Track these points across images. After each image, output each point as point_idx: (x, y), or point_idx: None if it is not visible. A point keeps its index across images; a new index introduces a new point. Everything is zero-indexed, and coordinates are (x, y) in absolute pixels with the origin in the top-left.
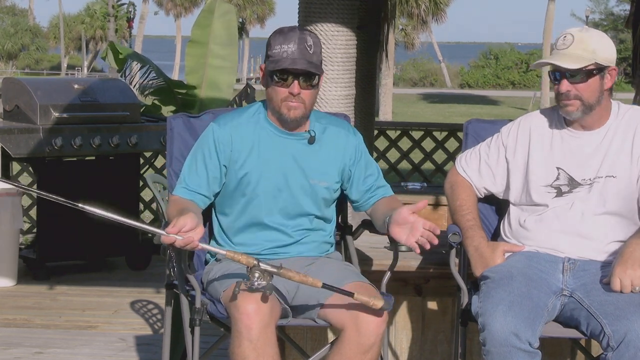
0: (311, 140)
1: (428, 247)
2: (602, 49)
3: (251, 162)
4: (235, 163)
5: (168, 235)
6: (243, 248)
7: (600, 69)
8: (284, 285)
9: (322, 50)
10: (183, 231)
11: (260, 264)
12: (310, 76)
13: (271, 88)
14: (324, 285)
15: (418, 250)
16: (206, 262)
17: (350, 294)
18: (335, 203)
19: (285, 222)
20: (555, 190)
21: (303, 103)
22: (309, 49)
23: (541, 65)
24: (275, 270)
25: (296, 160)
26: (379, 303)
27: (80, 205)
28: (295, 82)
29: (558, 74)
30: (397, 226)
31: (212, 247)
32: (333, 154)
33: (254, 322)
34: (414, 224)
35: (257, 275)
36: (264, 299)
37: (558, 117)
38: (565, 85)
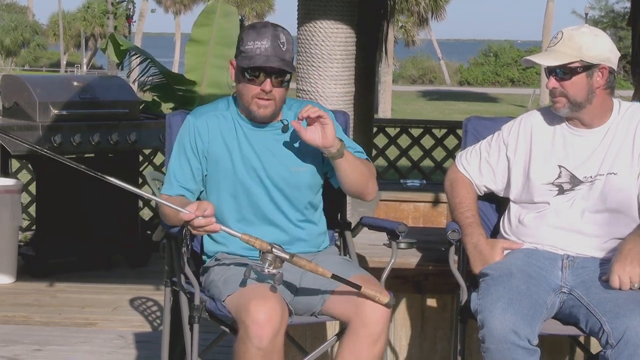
0: (284, 129)
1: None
2: (591, 46)
3: (230, 157)
4: (213, 156)
5: (190, 213)
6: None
7: (587, 67)
8: (287, 283)
9: (322, 47)
10: (205, 214)
11: (274, 249)
12: (282, 74)
13: (242, 84)
14: (334, 276)
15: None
16: (203, 262)
17: (358, 287)
18: (321, 191)
19: (274, 216)
20: (557, 188)
21: (274, 100)
22: (281, 46)
23: (529, 63)
24: (287, 257)
25: (273, 152)
26: (384, 299)
27: (109, 178)
28: (268, 79)
29: (547, 71)
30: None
31: (229, 230)
32: None
33: (266, 331)
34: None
35: (269, 260)
36: (276, 305)
37: (559, 115)
38: (551, 82)
